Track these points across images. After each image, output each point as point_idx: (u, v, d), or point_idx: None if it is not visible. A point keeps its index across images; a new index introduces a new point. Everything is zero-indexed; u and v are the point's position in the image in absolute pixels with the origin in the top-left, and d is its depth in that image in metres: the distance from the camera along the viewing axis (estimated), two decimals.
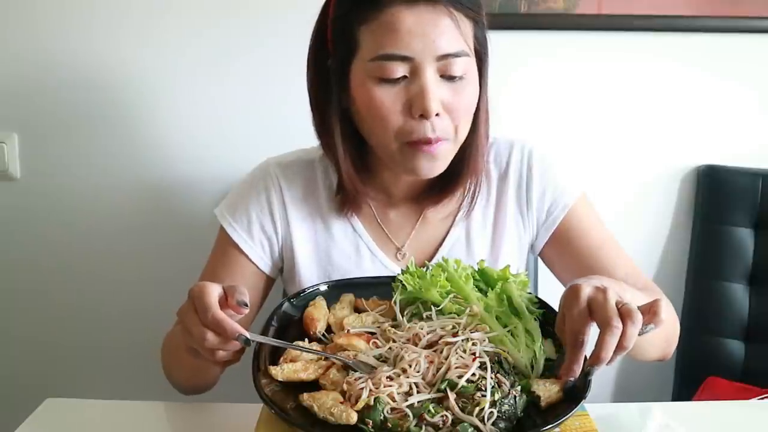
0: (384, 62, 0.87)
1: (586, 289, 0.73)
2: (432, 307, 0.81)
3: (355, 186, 0.99)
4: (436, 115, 0.89)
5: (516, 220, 1.07)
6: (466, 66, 0.90)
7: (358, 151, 0.99)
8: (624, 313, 0.69)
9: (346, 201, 1.03)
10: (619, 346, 0.68)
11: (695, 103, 1.49)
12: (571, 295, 0.73)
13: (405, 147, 0.91)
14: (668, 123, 1.50)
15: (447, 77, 0.89)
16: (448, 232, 1.06)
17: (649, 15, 1.42)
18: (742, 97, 1.49)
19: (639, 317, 0.69)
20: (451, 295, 0.83)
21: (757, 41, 1.46)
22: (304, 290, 0.92)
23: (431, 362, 0.73)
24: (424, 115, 0.88)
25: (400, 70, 0.87)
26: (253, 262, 1.05)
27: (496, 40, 1.40)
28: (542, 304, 0.85)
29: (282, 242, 1.06)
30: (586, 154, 1.50)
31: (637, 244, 1.55)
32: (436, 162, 0.93)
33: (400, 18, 0.86)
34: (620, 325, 0.68)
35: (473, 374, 0.70)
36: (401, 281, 0.85)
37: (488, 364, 0.71)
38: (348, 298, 0.90)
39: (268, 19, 1.42)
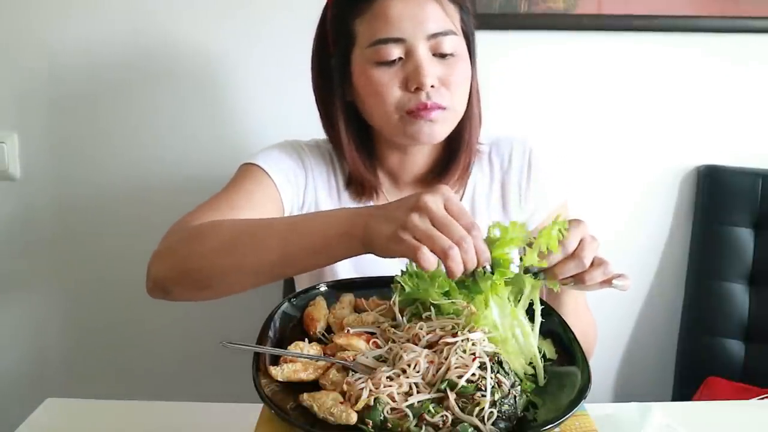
0: (379, 46, 0.95)
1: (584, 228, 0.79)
2: (431, 307, 0.81)
3: (361, 172, 1.06)
4: (432, 87, 0.96)
5: (517, 213, 1.12)
6: (455, 44, 0.97)
7: (364, 141, 1.07)
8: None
9: (357, 191, 1.08)
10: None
11: (695, 103, 1.49)
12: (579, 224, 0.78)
13: (405, 117, 0.97)
14: (668, 123, 1.50)
15: (439, 55, 0.97)
16: None
17: (649, 15, 1.42)
18: (742, 97, 1.49)
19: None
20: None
21: (757, 41, 1.46)
22: (304, 290, 0.92)
23: (431, 362, 0.72)
24: (419, 88, 0.95)
25: (395, 52, 0.95)
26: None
27: (496, 40, 1.42)
28: (542, 304, 0.85)
29: (303, 199, 1.08)
30: (586, 155, 1.50)
31: (638, 244, 1.55)
32: (434, 126, 0.98)
33: (389, 6, 0.95)
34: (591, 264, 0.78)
35: (473, 374, 0.70)
36: (399, 282, 0.85)
37: (488, 364, 0.71)
38: (348, 298, 0.90)
39: (264, 21, 1.42)
